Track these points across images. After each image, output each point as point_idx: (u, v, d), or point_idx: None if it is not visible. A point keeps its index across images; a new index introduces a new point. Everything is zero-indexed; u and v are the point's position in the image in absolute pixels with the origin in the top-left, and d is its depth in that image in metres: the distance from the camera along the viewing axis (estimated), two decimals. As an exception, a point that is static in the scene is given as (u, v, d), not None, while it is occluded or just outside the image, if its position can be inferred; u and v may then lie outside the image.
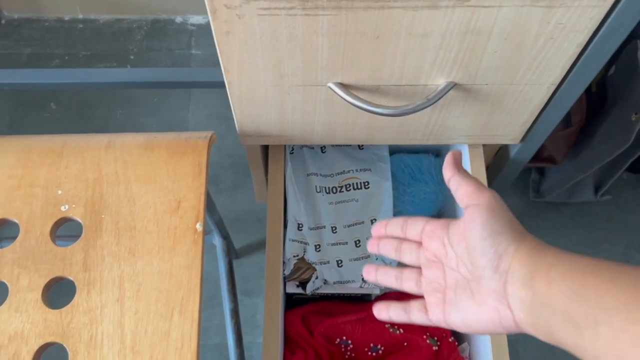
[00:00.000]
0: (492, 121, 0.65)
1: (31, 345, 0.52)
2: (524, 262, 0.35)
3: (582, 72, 0.57)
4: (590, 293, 0.31)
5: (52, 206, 0.58)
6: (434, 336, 0.71)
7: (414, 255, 0.44)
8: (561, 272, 0.33)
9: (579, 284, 0.32)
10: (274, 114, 0.63)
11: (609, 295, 0.30)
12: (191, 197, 0.58)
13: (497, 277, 0.36)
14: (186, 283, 0.55)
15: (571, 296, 0.32)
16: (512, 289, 0.35)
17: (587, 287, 0.31)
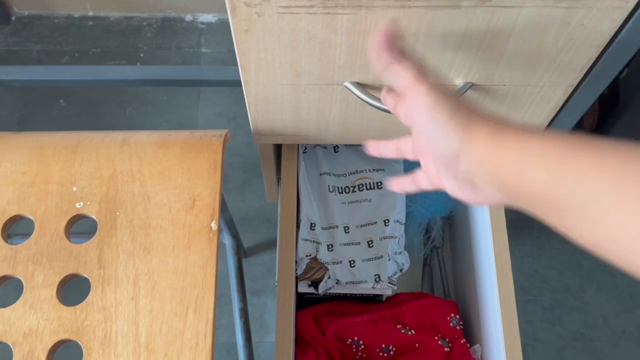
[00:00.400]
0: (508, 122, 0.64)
1: (45, 342, 0.52)
2: (484, 161, 0.35)
3: (600, 74, 0.57)
4: (572, 177, 0.29)
5: (67, 203, 0.58)
6: (445, 337, 0.71)
7: None
8: (534, 161, 0.32)
9: (558, 169, 0.30)
10: (289, 112, 0.63)
11: (593, 179, 0.29)
12: (206, 196, 0.58)
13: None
14: (201, 282, 0.54)
15: (550, 183, 0.30)
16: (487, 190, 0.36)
17: (568, 172, 0.30)
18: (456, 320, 0.72)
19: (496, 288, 0.65)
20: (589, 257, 1.09)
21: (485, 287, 0.68)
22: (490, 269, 0.67)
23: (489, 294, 0.67)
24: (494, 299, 0.65)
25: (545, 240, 1.11)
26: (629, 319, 1.05)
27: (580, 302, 1.07)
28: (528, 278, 1.08)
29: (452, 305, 0.74)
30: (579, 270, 1.09)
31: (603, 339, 1.04)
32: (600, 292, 1.07)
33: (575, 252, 1.10)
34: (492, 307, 0.66)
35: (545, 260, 1.10)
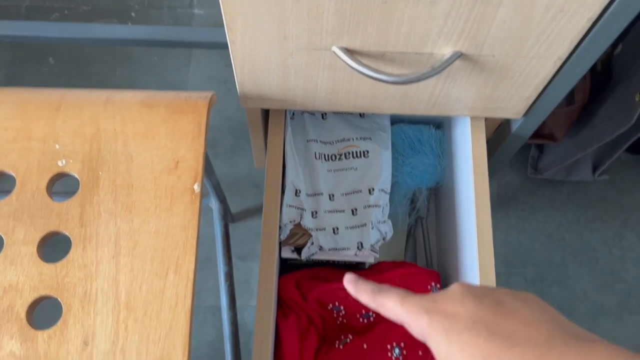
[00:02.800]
0: (496, 94, 0.64)
1: (25, 298, 0.53)
2: None
3: (590, 47, 0.57)
4: None
5: (49, 160, 0.58)
6: None
7: None
8: None
9: None
10: (276, 77, 0.62)
11: None
12: (190, 158, 0.58)
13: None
14: (182, 243, 0.55)
15: None
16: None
17: None
18: (436, 289, 0.73)
19: (476, 260, 0.65)
20: (573, 232, 1.10)
21: (466, 258, 0.69)
22: (471, 241, 0.67)
23: (470, 266, 0.68)
24: (474, 271, 0.66)
25: (530, 214, 1.12)
26: (608, 294, 1.07)
27: (562, 276, 1.08)
28: (512, 251, 1.10)
29: (434, 274, 0.75)
30: (562, 245, 1.10)
31: (582, 313, 1.05)
32: (582, 267, 1.08)
33: (560, 227, 1.11)
34: (472, 278, 0.67)
35: (530, 233, 1.11)
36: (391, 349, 0.69)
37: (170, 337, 0.52)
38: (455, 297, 0.32)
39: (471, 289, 0.32)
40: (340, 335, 0.72)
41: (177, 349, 0.51)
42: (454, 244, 0.74)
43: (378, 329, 0.71)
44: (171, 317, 0.52)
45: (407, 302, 0.33)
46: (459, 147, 0.75)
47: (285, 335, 0.68)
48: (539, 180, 1.14)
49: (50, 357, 0.51)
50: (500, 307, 0.30)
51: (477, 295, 0.31)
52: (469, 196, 0.69)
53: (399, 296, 0.34)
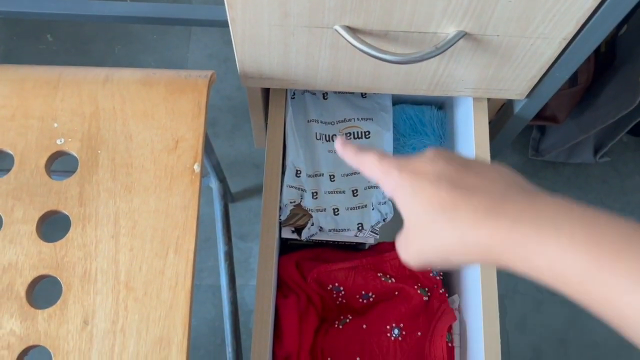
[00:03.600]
0: (500, 74, 0.63)
1: (25, 277, 0.53)
2: (506, 257, 0.29)
3: (595, 28, 0.56)
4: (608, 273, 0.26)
5: (48, 139, 0.57)
6: (425, 287, 0.72)
7: None
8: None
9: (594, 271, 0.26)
10: (277, 55, 0.61)
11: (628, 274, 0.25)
12: (189, 137, 0.57)
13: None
14: (182, 223, 0.54)
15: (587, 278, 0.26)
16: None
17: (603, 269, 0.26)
18: (437, 274, 0.73)
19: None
20: (574, 215, 1.10)
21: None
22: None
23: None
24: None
25: (531, 197, 1.12)
26: (607, 276, 1.07)
27: (561, 258, 1.08)
28: (512, 233, 1.10)
29: None
30: (562, 227, 1.10)
31: (581, 295, 1.06)
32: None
33: (561, 209, 1.10)
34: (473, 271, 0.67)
35: (530, 216, 1.11)
36: (390, 329, 0.69)
37: (170, 316, 0.52)
38: (427, 158, 0.34)
39: (443, 152, 0.34)
40: (339, 315, 0.73)
41: (177, 329, 0.51)
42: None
43: (377, 309, 0.71)
44: (171, 297, 0.52)
45: (383, 160, 0.36)
46: (461, 128, 0.74)
47: (285, 315, 0.68)
48: (540, 162, 1.13)
49: (51, 336, 0.51)
50: (466, 167, 0.32)
51: (448, 157, 0.33)
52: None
53: (377, 155, 0.36)
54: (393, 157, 0.36)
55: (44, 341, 0.51)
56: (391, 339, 0.69)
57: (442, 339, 0.67)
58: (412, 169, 0.33)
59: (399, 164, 0.34)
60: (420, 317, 0.70)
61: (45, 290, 0.55)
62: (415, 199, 0.32)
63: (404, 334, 0.69)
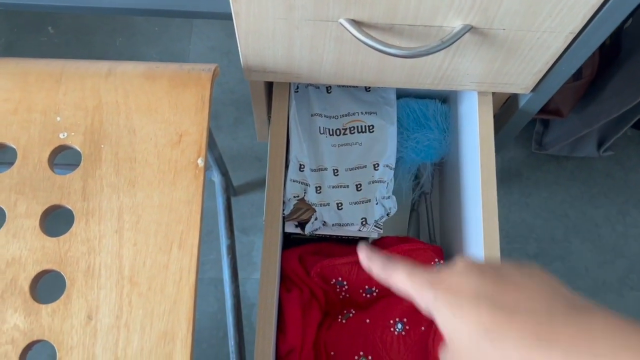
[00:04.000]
0: (505, 68, 0.63)
1: (29, 272, 0.52)
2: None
3: (603, 22, 0.55)
4: None
5: (51, 133, 0.57)
6: None
7: None
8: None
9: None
10: (281, 49, 0.61)
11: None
12: (193, 132, 0.57)
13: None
14: (186, 218, 0.54)
15: None
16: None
17: None
18: (440, 265, 0.73)
19: (481, 236, 0.65)
20: (576, 208, 1.10)
21: (471, 234, 0.69)
22: (476, 216, 0.67)
23: (474, 241, 0.67)
24: (479, 247, 0.65)
25: (533, 190, 1.11)
26: (610, 270, 1.07)
27: (564, 251, 1.08)
28: (514, 226, 1.09)
29: (437, 250, 0.75)
30: (564, 221, 1.10)
31: (584, 289, 1.06)
32: (584, 243, 1.08)
33: (563, 203, 1.10)
34: (476, 253, 0.66)
35: (533, 209, 1.10)
36: (394, 323, 0.69)
37: (175, 311, 0.51)
38: (459, 271, 0.32)
39: (475, 263, 0.33)
40: (342, 309, 0.72)
41: (181, 324, 0.51)
42: (458, 219, 0.74)
43: (381, 304, 0.71)
44: (175, 292, 0.52)
45: (414, 277, 0.34)
46: (465, 122, 0.74)
47: (288, 310, 0.68)
48: (543, 156, 1.13)
49: (55, 331, 0.51)
50: (503, 280, 0.31)
51: (481, 269, 0.32)
52: (475, 172, 0.68)
53: (407, 270, 0.35)
54: (422, 271, 0.34)
55: (48, 336, 0.51)
56: (394, 334, 0.69)
57: None
58: (446, 286, 0.32)
59: (431, 281, 0.33)
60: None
61: (49, 285, 0.55)
62: (455, 321, 0.31)
63: (407, 328, 0.69)
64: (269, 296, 0.62)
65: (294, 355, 0.68)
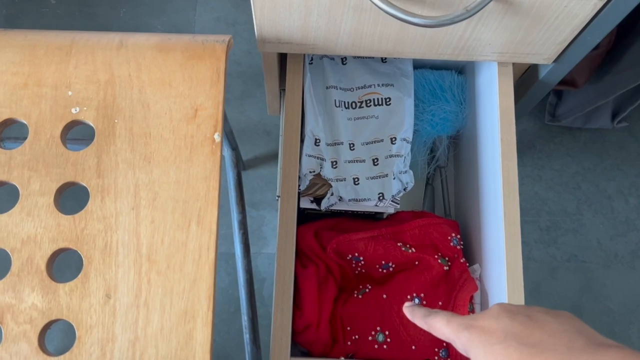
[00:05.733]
0: (529, 38, 0.61)
1: (45, 250, 0.51)
2: None
3: (633, -12, 0.53)
4: None
5: (62, 108, 0.55)
6: (445, 256, 0.71)
7: None
8: None
9: None
10: (297, 19, 0.59)
11: None
12: (209, 106, 0.55)
13: None
14: (204, 194, 0.53)
15: None
16: None
17: None
18: (457, 240, 0.72)
19: (501, 210, 0.64)
20: (589, 180, 1.09)
21: (489, 208, 0.68)
22: (496, 190, 0.66)
23: (493, 216, 0.66)
24: (498, 221, 0.64)
25: (545, 162, 1.10)
26: (622, 243, 1.06)
27: (576, 224, 1.07)
28: (527, 199, 1.08)
29: (453, 225, 0.74)
30: (577, 193, 1.09)
31: (595, 261, 1.05)
32: (596, 216, 1.07)
33: (576, 175, 1.09)
34: (495, 228, 0.65)
35: (545, 182, 1.09)
36: (411, 298, 0.68)
37: (195, 289, 0.51)
38: (492, 314, 0.36)
39: (507, 307, 0.36)
40: (358, 285, 0.72)
41: (201, 302, 0.50)
42: (475, 194, 0.73)
43: (397, 279, 0.70)
44: (195, 270, 0.51)
45: (452, 322, 0.38)
46: (484, 94, 0.72)
47: (305, 286, 0.68)
48: (555, 128, 1.11)
49: (73, 310, 0.50)
50: (531, 321, 0.34)
51: (511, 312, 0.35)
52: (494, 146, 0.67)
53: (445, 317, 0.39)
54: (459, 316, 0.38)
55: (67, 315, 0.50)
56: None
57: (464, 309, 0.66)
58: (480, 327, 0.35)
59: (467, 324, 0.36)
60: (440, 286, 0.69)
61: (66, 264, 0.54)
62: (488, 358, 0.34)
63: (425, 303, 0.69)
64: (287, 273, 0.61)
65: (310, 330, 0.68)
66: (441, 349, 0.68)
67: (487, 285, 0.68)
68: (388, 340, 0.68)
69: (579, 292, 1.04)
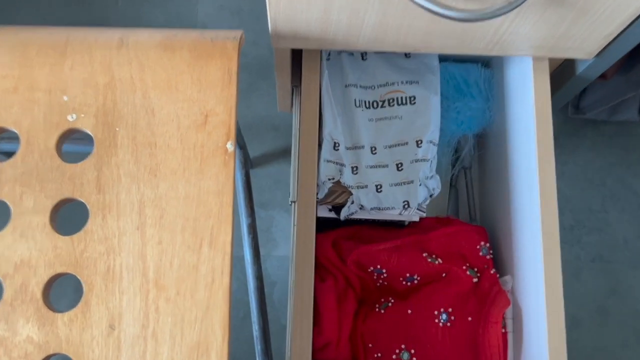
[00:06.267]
0: (572, 31, 0.55)
1: (40, 276, 0.46)
2: None
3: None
4: None
5: (57, 115, 0.50)
6: (474, 267, 0.66)
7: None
8: None
9: None
10: (317, 12, 0.53)
11: None
12: (220, 111, 0.50)
13: None
14: (216, 211, 0.48)
15: None
16: None
17: None
18: (486, 249, 0.67)
19: (538, 216, 0.59)
20: (614, 176, 1.03)
21: (523, 218, 0.62)
22: (532, 195, 0.60)
23: (528, 222, 0.61)
24: (534, 228, 0.59)
25: (569, 157, 1.04)
26: (649, 242, 1.01)
27: (601, 222, 1.02)
28: (549, 197, 1.03)
29: (482, 232, 0.69)
30: (602, 190, 1.03)
31: (622, 261, 1.00)
32: (623, 213, 1.02)
33: (600, 170, 1.04)
34: (531, 236, 0.60)
35: (569, 178, 1.04)
36: (438, 314, 0.63)
37: (208, 318, 0.45)
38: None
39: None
40: (380, 298, 0.67)
41: (215, 332, 0.45)
42: (506, 198, 0.67)
43: (423, 292, 0.65)
44: (208, 296, 0.46)
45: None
46: (516, 91, 0.66)
47: (323, 301, 0.63)
48: (579, 121, 1.05)
49: (73, 343, 0.45)
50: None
51: None
52: (529, 147, 0.62)
53: None
54: None
55: (66, 349, 0.45)
56: (439, 325, 0.63)
57: (497, 325, 0.62)
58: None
59: None
60: (470, 300, 0.64)
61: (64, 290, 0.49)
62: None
63: (453, 319, 0.63)
64: (306, 292, 0.56)
65: (330, 349, 0.63)
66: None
67: (521, 298, 0.63)
68: (414, 359, 0.63)
69: (605, 294, 0.99)
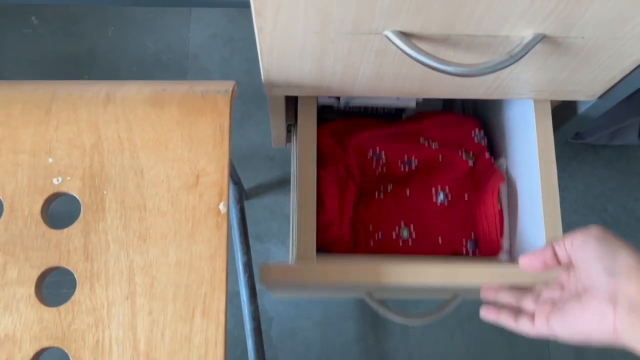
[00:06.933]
0: (574, 77, 0.53)
1: (25, 351, 0.44)
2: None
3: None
4: None
5: (42, 178, 0.47)
6: (469, 151, 0.68)
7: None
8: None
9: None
10: (310, 63, 0.51)
11: None
12: (212, 171, 0.48)
13: (609, 280, 0.40)
14: (209, 277, 0.46)
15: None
16: (623, 287, 0.39)
17: None
18: (480, 136, 0.69)
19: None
20: (615, 201, 1.01)
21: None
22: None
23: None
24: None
25: (569, 182, 1.03)
26: (652, 268, 0.99)
27: (603, 249, 1.00)
28: (549, 223, 1.01)
29: (476, 121, 0.71)
30: (603, 216, 1.02)
31: (625, 289, 0.99)
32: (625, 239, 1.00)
33: (601, 196, 1.02)
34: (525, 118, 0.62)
35: (569, 204, 1.02)
36: (435, 193, 0.65)
37: (202, 393, 0.43)
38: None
39: None
40: (379, 185, 0.68)
41: (210, 407, 0.43)
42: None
43: (420, 176, 0.67)
44: (201, 369, 0.44)
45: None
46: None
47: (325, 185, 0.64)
48: (578, 145, 1.04)
49: (61, 422, 0.43)
50: None
51: None
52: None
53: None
54: None
55: None
56: (437, 204, 0.65)
57: (493, 197, 0.63)
58: None
59: None
60: (466, 181, 0.66)
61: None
62: None
63: (450, 198, 0.65)
64: (310, 175, 0.58)
65: (333, 227, 0.64)
66: (469, 240, 0.65)
67: (516, 176, 0.65)
68: (413, 235, 0.65)
69: (609, 323, 0.97)
